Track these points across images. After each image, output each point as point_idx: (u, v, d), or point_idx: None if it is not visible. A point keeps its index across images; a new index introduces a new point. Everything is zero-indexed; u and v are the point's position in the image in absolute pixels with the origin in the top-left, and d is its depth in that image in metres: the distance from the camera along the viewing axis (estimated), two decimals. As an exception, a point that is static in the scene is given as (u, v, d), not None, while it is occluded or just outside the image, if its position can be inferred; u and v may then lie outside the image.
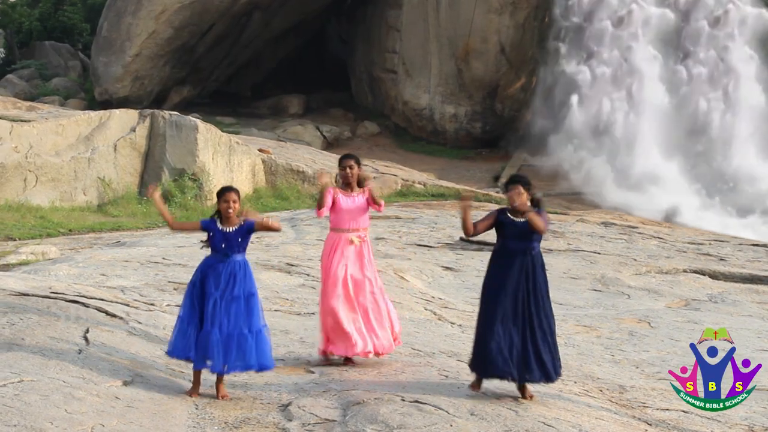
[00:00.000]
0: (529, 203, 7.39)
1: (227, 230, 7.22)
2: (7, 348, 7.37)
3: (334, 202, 8.22)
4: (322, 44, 47.93)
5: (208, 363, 7.10)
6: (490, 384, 7.37)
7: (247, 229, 7.24)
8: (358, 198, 8.28)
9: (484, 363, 7.27)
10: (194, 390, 7.14)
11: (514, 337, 7.22)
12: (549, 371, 7.25)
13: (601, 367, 8.88)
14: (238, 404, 6.98)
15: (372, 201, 8.29)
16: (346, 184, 8.31)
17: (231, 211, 7.22)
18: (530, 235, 7.33)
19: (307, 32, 44.95)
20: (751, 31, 36.30)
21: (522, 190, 7.39)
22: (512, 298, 7.27)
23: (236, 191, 7.30)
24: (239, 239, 7.22)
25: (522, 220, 7.36)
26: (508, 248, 7.38)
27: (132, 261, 12.54)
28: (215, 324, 7.08)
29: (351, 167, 8.30)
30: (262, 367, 7.28)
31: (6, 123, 20.68)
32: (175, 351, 7.19)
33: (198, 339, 7.10)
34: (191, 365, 7.21)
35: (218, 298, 7.12)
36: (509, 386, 7.36)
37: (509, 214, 7.41)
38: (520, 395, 7.31)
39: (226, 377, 7.26)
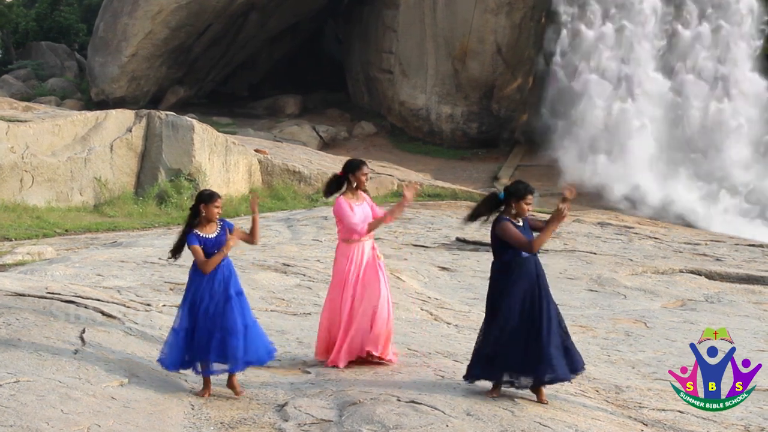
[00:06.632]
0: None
1: (213, 235, 7.21)
2: (3, 348, 7.37)
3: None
4: (319, 44, 47.91)
5: (214, 367, 7.11)
6: (488, 383, 7.36)
7: (229, 231, 7.26)
8: (364, 206, 8.30)
9: (500, 369, 7.13)
10: (206, 390, 7.15)
11: (531, 342, 7.07)
12: (563, 371, 7.12)
13: (597, 368, 8.88)
14: (234, 404, 6.97)
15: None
16: (357, 189, 8.25)
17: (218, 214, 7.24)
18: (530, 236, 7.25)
19: (303, 32, 44.92)
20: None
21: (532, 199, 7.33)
22: (530, 305, 7.13)
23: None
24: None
25: (522, 223, 7.28)
26: (521, 257, 7.19)
27: (128, 261, 12.53)
28: (216, 327, 7.08)
29: (368, 173, 8.35)
30: (264, 359, 7.28)
31: (2, 123, 20.64)
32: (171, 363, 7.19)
33: (196, 345, 7.10)
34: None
35: (215, 303, 7.12)
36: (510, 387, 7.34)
37: (511, 220, 7.28)
38: (535, 398, 7.25)
39: (222, 376, 7.26)
